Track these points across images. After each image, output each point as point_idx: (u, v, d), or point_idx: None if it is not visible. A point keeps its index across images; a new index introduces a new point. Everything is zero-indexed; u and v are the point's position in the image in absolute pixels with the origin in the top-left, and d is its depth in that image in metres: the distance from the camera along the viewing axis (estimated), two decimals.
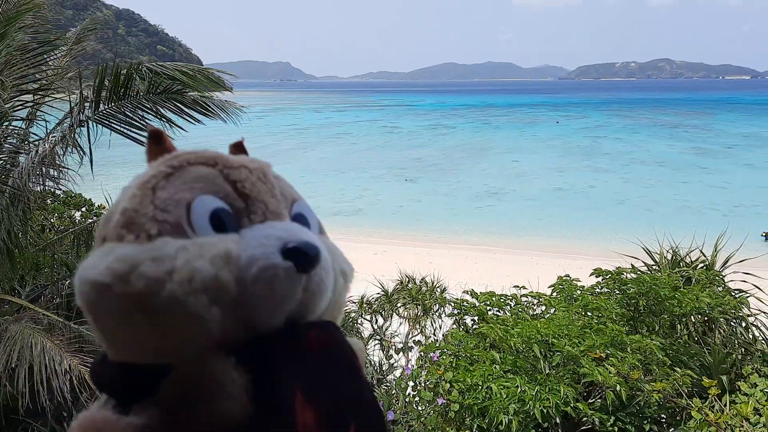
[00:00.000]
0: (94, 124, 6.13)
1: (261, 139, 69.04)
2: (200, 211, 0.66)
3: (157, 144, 0.77)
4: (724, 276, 7.08)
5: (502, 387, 4.47)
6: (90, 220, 7.90)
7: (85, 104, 6.09)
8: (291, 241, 0.64)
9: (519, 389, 4.47)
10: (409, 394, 5.34)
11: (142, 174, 0.71)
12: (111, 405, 0.65)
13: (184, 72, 6.30)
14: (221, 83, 6.66)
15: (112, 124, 6.21)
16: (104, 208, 9.63)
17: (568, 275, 6.96)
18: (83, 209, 10.03)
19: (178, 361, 0.62)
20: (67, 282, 6.55)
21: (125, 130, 6.28)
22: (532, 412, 4.34)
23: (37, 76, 6.47)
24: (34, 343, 4.76)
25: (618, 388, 4.46)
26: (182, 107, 6.36)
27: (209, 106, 6.51)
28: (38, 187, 6.21)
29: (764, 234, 24.51)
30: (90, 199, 10.21)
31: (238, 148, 0.83)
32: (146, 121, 6.32)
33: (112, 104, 6.12)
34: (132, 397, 0.63)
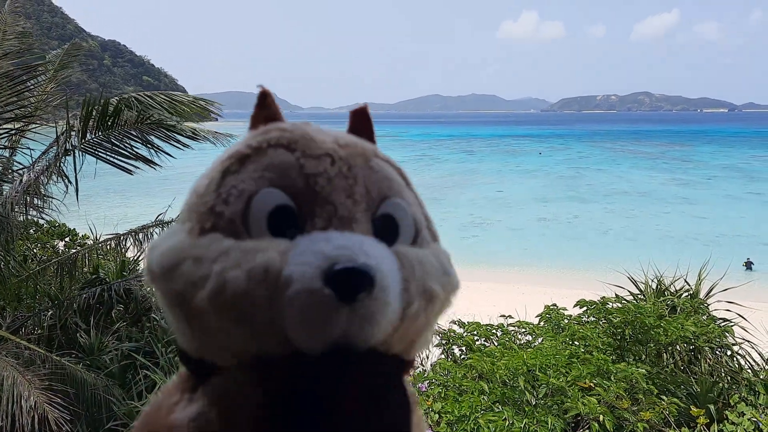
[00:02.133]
0: (81, 153, 6.11)
1: None
2: (260, 207, 0.59)
3: (261, 107, 0.69)
4: (708, 305, 7.14)
5: (489, 421, 4.43)
6: (74, 251, 7.80)
7: (72, 133, 6.08)
8: (340, 262, 0.54)
9: (507, 422, 4.43)
10: None
11: (229, 148, 0.66)
12: (186, 378, 0.64)
13: (173, 102, 6.33)
14: (208, 112, 6.70)
15: (99, 153, 6.19)
16: (88, 237, 9.53)
17: (555, 304, 6.97)
18: (67, 239, 9.92)
19: (217, 360, 0.60)
20: (49, 313, 6.45)
21: (112, 159, 6.26)
22: None
23: (21, 103, 6.46)
24: (6, 377, 4.66)
25: (602, 418, 4.45)
26: (169, 134, 6.38)
27: (196, 134, 6.54)
28: (22, 216, 6.14)
29: (745, 263, 24.77)
30: (74, 229, 10.10)
31: (359, 116, 0.74)
32: (133, 148, 6.31)
33: (100, 133, 6.11)
34: (198, 377, 0.62)
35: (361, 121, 0.74)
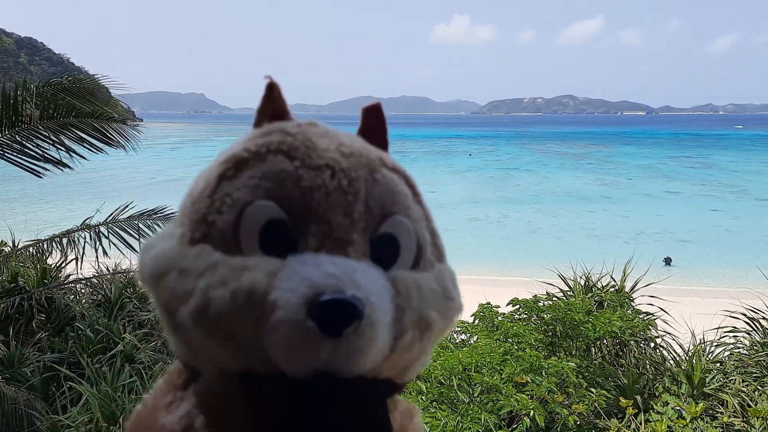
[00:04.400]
0: None
1: (175, 171, 67.05)
2: (252, 220, 0.56)
3: (268, 100, 0.66)
4: (633, 299, 7.45)
5: (425, 422, 4.47)
6: None
7: None
8: (327, 292, 0.51)
9: (441, 422, 4.49)
10: None
11: (226, 149, 0.62)
12: (178, 374, 0.63)
13: (77, 82, 6.08)
14: (131, 113, 6.47)
15: (6, 155, 5.88)
16: (5, 244, 9.03)
17: (489, 303, 7.10)
18: None
19: (201, 370, 0.59)
20: None
21: (21, 161, 5.96)
22: None
23: None
24: None
25: (532, 413, 4.57)
26: (82, 135, 6.13)
27: (109, 132, 6.30)
28: None
29: (665, 260, 26.01)
30: None
31: (371, 114, 0.70)
32: (43, 150, 6.03)
33: (6, 132, 5.81)
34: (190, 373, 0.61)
35: (373, 121, 0.71)
